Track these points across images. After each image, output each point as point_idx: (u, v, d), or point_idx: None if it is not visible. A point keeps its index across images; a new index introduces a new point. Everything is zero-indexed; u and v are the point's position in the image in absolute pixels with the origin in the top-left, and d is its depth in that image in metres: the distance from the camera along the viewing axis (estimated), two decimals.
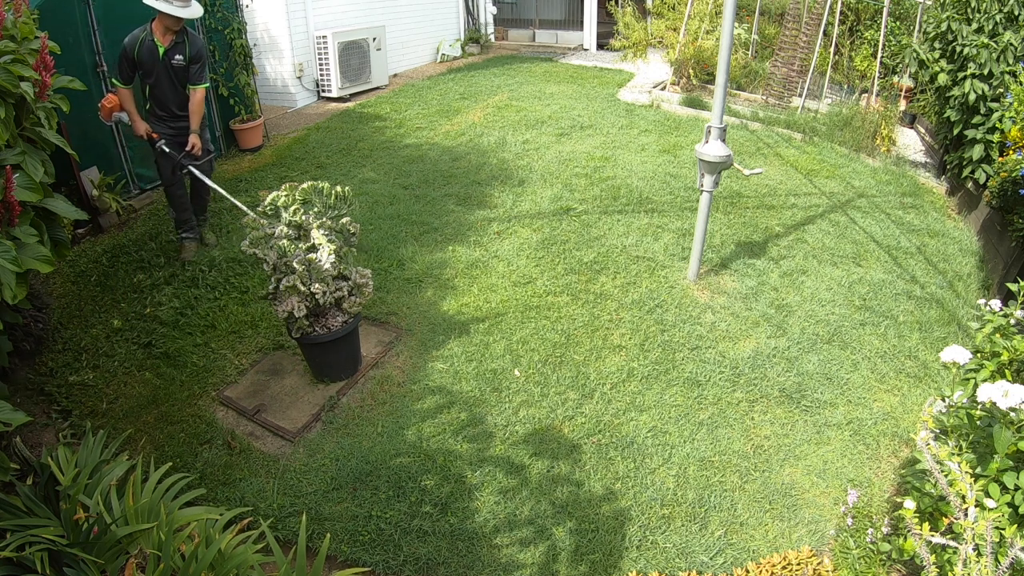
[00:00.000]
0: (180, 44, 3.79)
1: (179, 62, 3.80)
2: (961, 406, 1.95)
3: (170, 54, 3.76)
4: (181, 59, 3.79)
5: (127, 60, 3.73)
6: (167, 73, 3.81)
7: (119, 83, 3.78)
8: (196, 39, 3.88)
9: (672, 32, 7.49)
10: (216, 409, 2.86)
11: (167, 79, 3.83)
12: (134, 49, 3.70)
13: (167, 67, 3.79)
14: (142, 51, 3.71)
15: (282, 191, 2.77)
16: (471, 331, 3.26)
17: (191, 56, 3.82)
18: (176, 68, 3.81)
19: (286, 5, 6.67)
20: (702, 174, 3.34)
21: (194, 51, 3.83)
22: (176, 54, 3.78)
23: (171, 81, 3.84)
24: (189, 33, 3.83)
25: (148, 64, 3.75)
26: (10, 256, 1.68)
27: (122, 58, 3.73)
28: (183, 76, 3.85)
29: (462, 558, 2.16)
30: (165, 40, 3.73)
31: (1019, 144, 3.91)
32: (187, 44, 3.81)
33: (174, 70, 3.82)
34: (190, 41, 3.83)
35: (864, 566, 2.07)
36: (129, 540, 1.65)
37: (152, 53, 3.73)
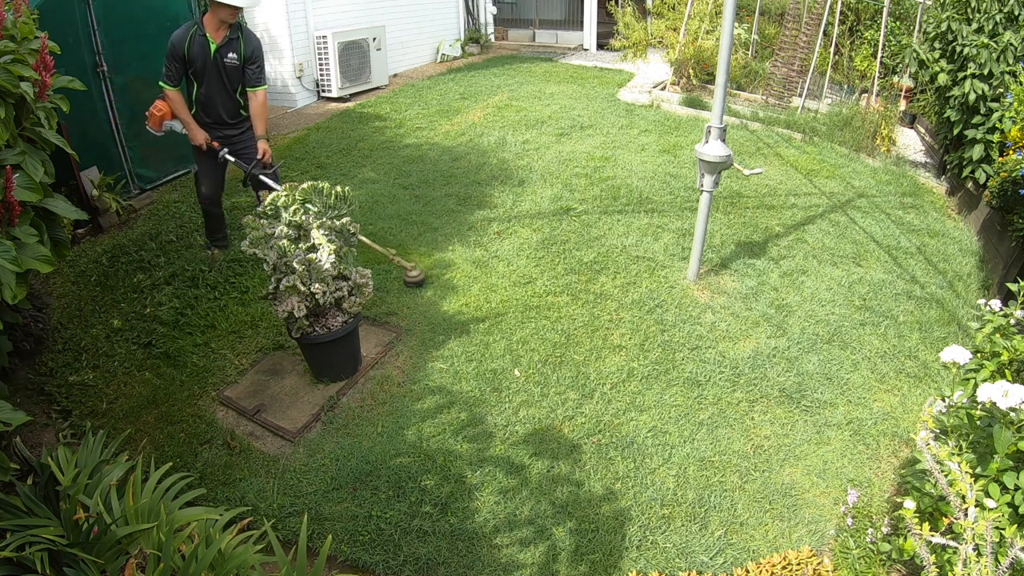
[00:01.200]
0: (234, 41, 3.45)
1: (232, 61, 3.45)
2: (961, 406, 1.95)
3: (222, 52, 3.42)
4: (235, 58, 3.45)
5: (176, 58, 3.36)
6: (218, 74, 3.46)
7: (168, 86, 3.43)
8: (252, 36, 3.54)
9: (672, 32, 7.49)
10: (216, 409, 2.86)
11: (218, 81, 3.48)
12: (184, 45, 3.34)
13: (218, 67, 3.43)
14: (193, 47, 3.34)
15: (282, 191, 2.77)
16: (471, 331, 3.26)
17: (246, 55, 3.48)
18: (229, 68, 3.46)
19: (286, 5, 6.68)
20: (702, 174, 3.34)
21: (249, 50, 3.49)
22: (229, 52, 3.44)
23: (222, 83, 3.50)
24: (244, 29, 3.50)
25: (199, 62, 3.39)
26: (10, 256, 1.68)
27: (170, 57, 3.36)
28: (236, 78, 3.52)
29: (462, 558, 2.16)
30: (217, 36, 3.39)
31: (1019, 144, 3.91)
32: (241, 42, 3.47)
33: (226, 70, 3.47)
34: (245, 38, 3.48)
35: (864, 566, 2.07)
36: (129, 540, 1.65)
37: (204, 50, 3.38)
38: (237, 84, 3.55)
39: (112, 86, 4.42)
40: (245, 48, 3.48)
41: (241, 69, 3.51)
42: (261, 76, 3.57)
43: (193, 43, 3.35)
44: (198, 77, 3.46)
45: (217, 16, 3.35)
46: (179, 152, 5.22)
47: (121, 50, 4.49)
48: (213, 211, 3.87)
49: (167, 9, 4.87)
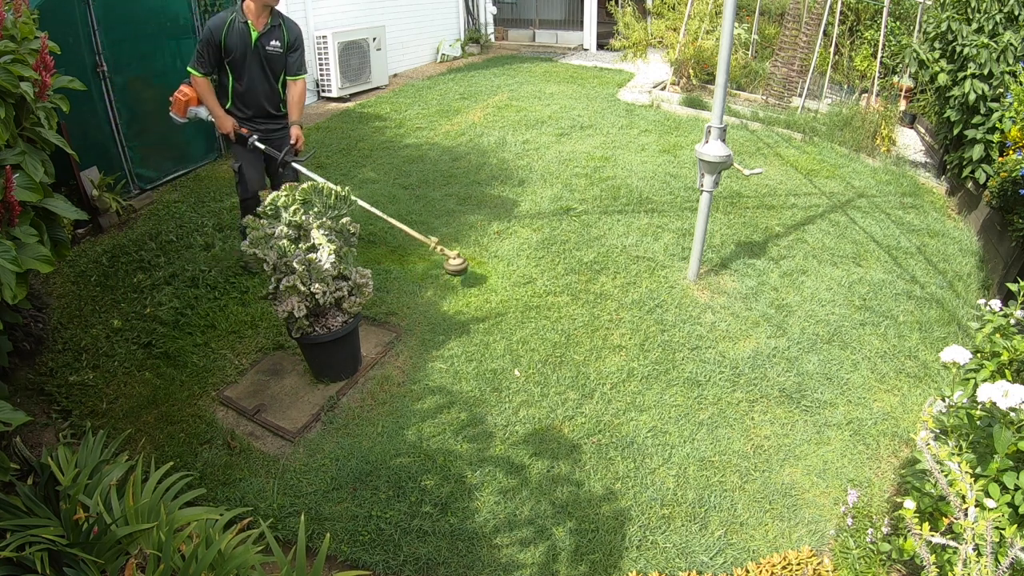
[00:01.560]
0: (276, 28, 3.30)
1: (275, 49, 3.30)
2: (961, 406, 1.95)
3: (264, 40, 3.27)
4: (278, 46, 3.30)
5: (211, 46, 3.21)
6: (259, 62, 3.31)
7: (197, 72, 3.29)
8: (293, 23, 3.41)
9: (672, 32, 7.49)
10: (216, 409, 2.86)
11: (260, 70, 3.33)
12: (222, 32, 3.18)
13: (259, 55, 3.28)
14: (231, 35, 3.19)
15: (282, 191, 2.77)
16: (471, 331, 3.26)
17: (289, 43, 3.35)
18: (271, 56, 3.32)
19: (286, 5, 6.67)
20: (702, 174, 3.34)
21: (292, 37, 3.37)
22: (272, 39, 3.28)
23: (263, 72, 3.35)
24: (284, 16, 3.37)
25: (238, 51, 3.23)
26: (10, 256, 1.68)
27: (204, 43, 3.22)
28: (278, 66, 3.37)
29: (462, 558, 2.16)
30: (259, 23, 3.24)
31: (1019, 144, 3.91)
32: (284, 28, 3.33)
33: (268, 59, 3.32)
34: (287, 25, 3.35)
35: (864, 566, 2.07)
36: (129, 540, 1.65)
37: (244, 38, 3.22)
38: (280, 73, 3.42)
39: (112, 86, 4.42)
40: (288, 35, 3.35)
41: (284, 57, 3.38)
42: (303, 64, 3.45)
43: (232, 31, 3.19)
44: (236, 67, 3.30)
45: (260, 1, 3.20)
46: (179, 152, 5.22)
47: (121, 50, 4.49)
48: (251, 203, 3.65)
49: (167, 9, 4.87)
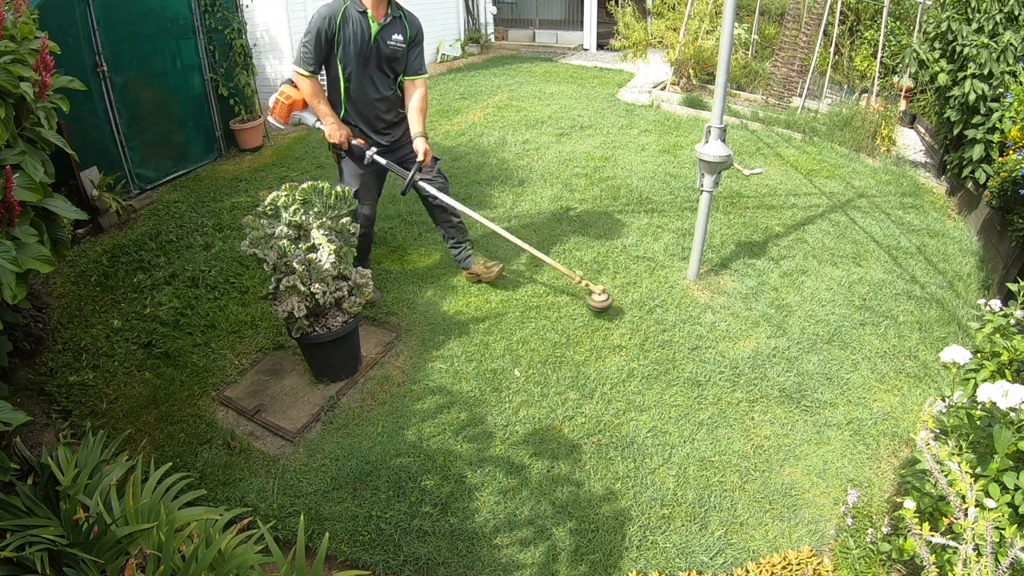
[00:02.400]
0: (397, 20, 2.90)
1: (396, 45, 2.88)
2: (961, 406, 1.95)
3: (384, 34, 2.85)
4: (400, 40, 2.89)
5: (323, 39, 2.79)
6: (377, 60, 2.88)
7: (304, 71, 2.88)
8: (413, 15, 3.00)
9: (672, 32, 7.49)
10: (216, 409, 2.86)
11: (378, 70, 2.90)
12: (335, 24, 2.77)
13: (378, 52, 2.86)
14: (347, 27, 2.78)
15: (282, 191, 2.77)
16: (471, 331, 3.26)
17: (412, 36, 2.94)
18: (392, 54, 2.89)
19: (286, 5, 6.67)
20: (702, 174, 3.34)
21: (414, 30, 2.95)
22: (394, 33, 2.87)
23: (383, 72, 2.92)
24: (403, 7, 2.97)
25: (353, 46, 2.81)
26: (10, 256, 1.68)
27: (315, 36, 2.79)
28: (399, 65, 2.97)
29: (462, 558, 2.16)
30: (379, 14, 2.83)
31: (1019, 144, 3.91)
32: (405, 20, 2.93)
33: (386, 57, 2.89)
34: (408, 17, 2.95)
35: (864, 566, 2.07)
36: (129, 540, 1.65)
37: (362, 31, 2.81)
38: (399, 73, 2.99)
39: (112, 86, 4.42)
40: (410, 28, 2.94)
41: (405, 54, 2.95)
42: (424, 63, 3.04)
43: (347, 22, 2.78)
44: (348, 65, 2.87)
45: None
46: (179, 152, 5.23)
47: (121, 50, 4.49)
48: (371, 232, 3.35)
49: (167, 9, 4.87)
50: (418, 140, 3.02)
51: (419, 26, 2.99)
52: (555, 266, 3.31)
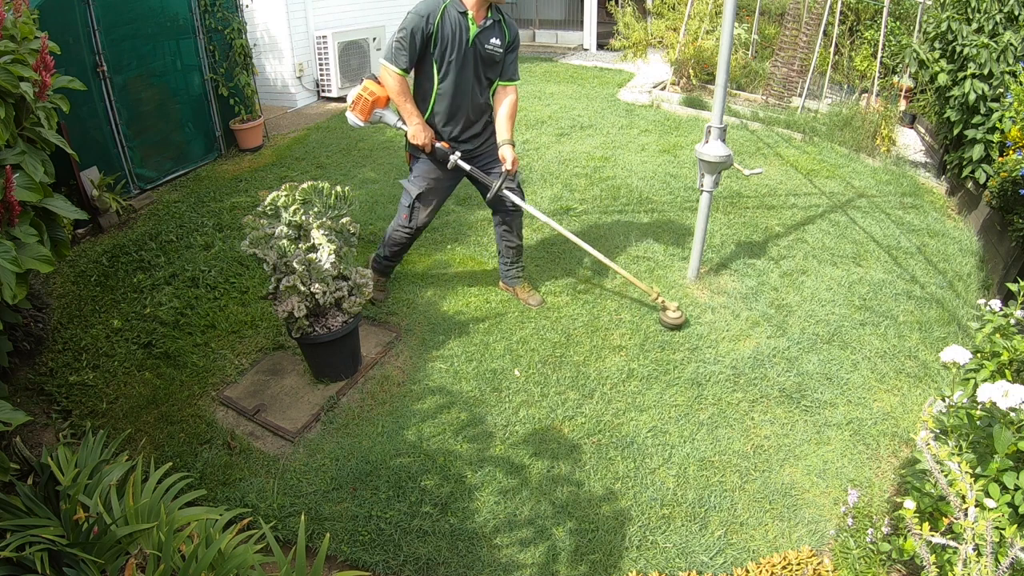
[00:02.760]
0: (496, 24, 2.79)
1: (494, 49, 2.79)
2: (961, 406, 1.95)
3: (483, 37, 2.75)
4: (497, 45, 2.79)
5: (419, 37, 2.68)
6: (474, 65, 2.79)
7: (396, 68, 2.76)
8: (512, 20, 2.90)
9: (672, 32, 7.49)
10: (216, 409, 2.86)
11: (472, 74, 2.81)
12: (434, 23, 2.66)
13: (477, 55, 2.77)
14: (445, 27, 2.68)
15: (282, 191, 2.77)
16: (471, 331, 3.26)
17: (509, 41, 2.85)
18: (486, 57, 2.80)
19: (286, 5, 6.68)
20: (702, 174, 3.34)
21: (512, 35, 2.86)
22: (492, 37, 2.78)
23: (477, 77, 2.83)
24: (504, 12, 2.85)
25: (451, 47, 2.71)
26: (10, 256, 1.68)
27: (411, 33, 2.68)
28: (494, 71, 2.88)
29: (462, 558, 2.16)
30: (479, 16, 2.73)
31: (1019, 144, 3.91)
32: (504, 25, 2.83)
33: (483, 60, 2.80)
34: (507, 22, 2.85)
35: (864, 566, 2.07)
36: (129, 540, 1.65)
37: (461, 31, 2.71)
38: (493, 79, 2.91)
39: (112, 86, 4.42)
40: (509, 33, 2.83)
41: (503, 59, 2.85)
42: (518, 69, 2.95)
43: (446, 20, 2.68)
44: (443, 66, 2.75)
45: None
46: (179, 152, 5.23)
47: (121, 50, 4.49)
48: (416, 238, 3.28)
49: (167, 9, 4.88)
50: (506, 147, 2.94)
51: (517, 31, 2.93)
52: (633, 281, 3.26)
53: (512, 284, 3.49)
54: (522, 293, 3.47)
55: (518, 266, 3.44)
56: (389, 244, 3.32)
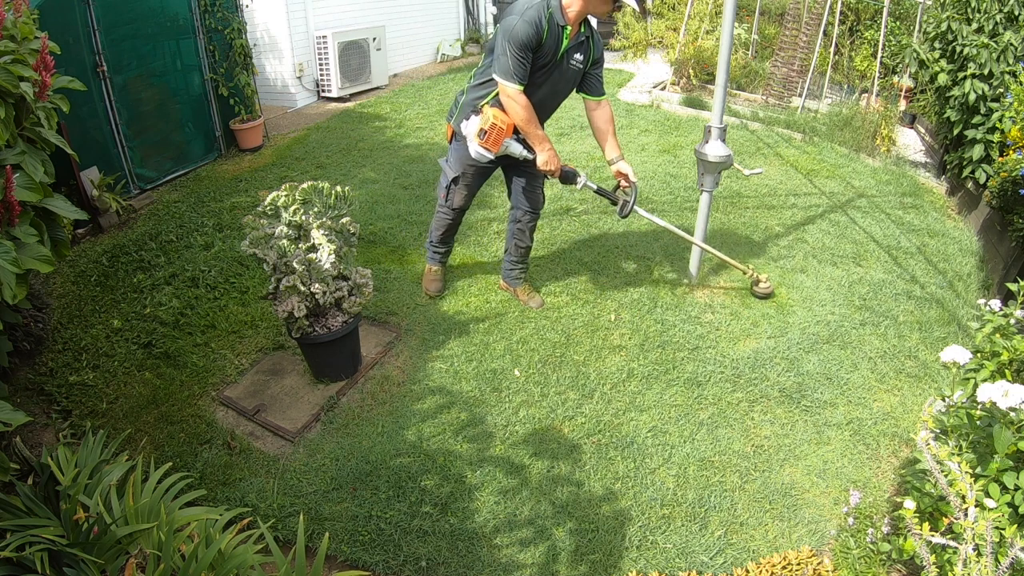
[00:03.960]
0: (585, 41, 2.75)
1: (576, 65, 2.77)
2: (961, 406, 1.95)
3: (571, 52, 2.72)
4: (580, 60, 2.78)
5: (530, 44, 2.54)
6: (560, 77, 2.77)
7: (518, 85, 2.61)
8: (599, 37, 2.86)
9: (672, 32, 7.49)
10: (216, 409, 2.86)
11: (557, 85, 2.80)
12: (542, 29, 2.54)
13: (563, 69, 2.75)
14: (549, 36, 2.60)
15: (282, 191, 2.77)
16: (471, 331, 3.26)
17: (595, 57, 2.84)
18: (571, 72, 2.79)
19: (286, 5, 6.68)
20: (702, 174, 3.34)
21: (598, 52, 2.84)
22: (578, 52, 2.75)
23: (560, 89, 2.84)
24: (594, 28, 2.83)
25: (547, 57, 2.65)
26: (10, 256, 1.68)
27: (523, 42, 2.53)
28: (571, 85, 2.88)
29: (462, 558, 2.16)
30: (574, 31, 2.68)
31: (1019, 144, 3.91)
32: (592, 42, 2.79)
33: (567, 75, 2.79)
34: (595, 39, 2.81)
35: (864, 566, 2.07)
36: (129, 540, 1.65)
37: (557, 43, 2.64)
38: (568, 93, 2.95)
39: (112, 86, 4.42)
40: (595, 50, 2.82)
41: (582, 75, 2.86)
42: (603, 83, 2.94)
43: (551, 29, 2.58)
44: (534, 76, 2.68)
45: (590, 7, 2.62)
46: (179, 152, 5.23)
47: (121, 50, 4.49)
48: (459, 219, 3.36)
49: (167, 9, 4.87)
50: (621, 163, 3.04)
51: (603, 48, 2.90)
52: (729, 261, 3.45)
53: (513, 285, 3.50)
54: (523, 295, 3.48)
55: (522, 267, 3.46)
56: (435, 229, 3.38)
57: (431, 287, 3.52)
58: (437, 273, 3.56)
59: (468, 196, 3.20)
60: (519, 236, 3.34)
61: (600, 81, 2.94)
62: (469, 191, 3.18)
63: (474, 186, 3.19)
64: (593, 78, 2.91)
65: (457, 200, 3.19)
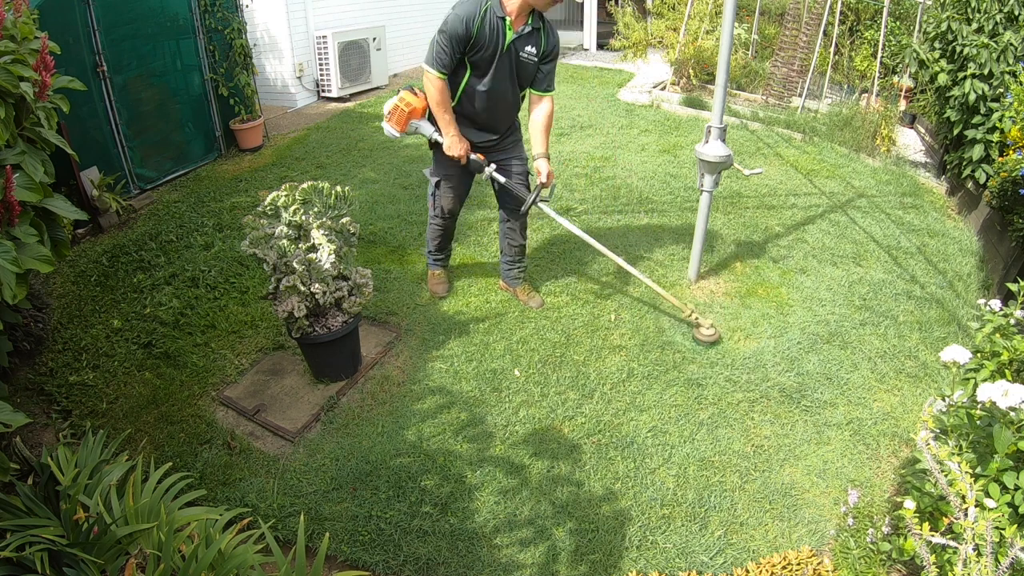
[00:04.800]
0: (535, 32, 2.78)
1: (529, 56, 2.79)
2: (961, 406, 1.95)
3: (519, 44, 2.76)
4: (533, 52, 2.79)
5: (458, 39, 2.68)
6: (509, 69, 2.80)
7: (437, 72, 2.76)
8: (554, 31, 2.87)
9: (672, 32, 7.49)
10: (216, 409, 2.86)
11: (507, 78, 2.83)
12: (473, 24, 2.66)
13: (511, 61, 2.79)
14: (484, 29, 2.69)
15: (282, 191, 2.77)
16: (471, 331, 3.26)
17: (546, 51, 2.83)
18: (522, 64, 2.81)
19: (286, 5, 6.67)
20: (702, 174, 3.34)
21: (551, 45, 2.85)
22: (528, 44, 2.77)
23: (511, 81, 2.85)
24: (546, 19, 2.83)
25: (487, 50, 2.72)
26: (10, 256, 1.68)
27: (450, 35, 2.69)
28: (527, 78, 2.88)
29: (462, 558, 2.16)
30: (517, 23, 2.73)
31: (1019, 144, 3.91)
32: (543, 33, 2.81)
33: (519, 67, 2.82)
34: (547, 30, 2.82)
35: (864, 566, 2.07)
36: (129, 540, 1.65)
37: (497, 36, 2.71)
38: (526, 85, 2.94)
39: (112, 86, 4.42)
40: (546, 43, 2.83)
41: (536, 68, 2.87)
42: (553, 80, 2.95)
43: (485, 23, 2.69)
44: (477, 68, 2.79)
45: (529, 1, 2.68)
46: (179, 152, 5.23)
47: (121, 50, 4.49)
48: (452, 225, 3.40)
49: (167, 9, 4.87)
50: (541, 161, 3.02)
51: (556, 41, 2.90)
52: (663, 294, 3.17)
53: (513, 285, 3.51)
54: (522, 294, 3.48)
55: (520, 266, 3.46)
56: (431, 238, 3.46)
57: (437, 290, 3.55)
58: (441, 276, 3.59)
59: (455, 199, 3.22)
60: (510, 235, 3.36)
61: (548, 77, 2.93)
62: (455, 193, 3.20)
63: (459, 188, 3.19)
64: (541, 72, 2.90)
65: (445, 204, 3.21)
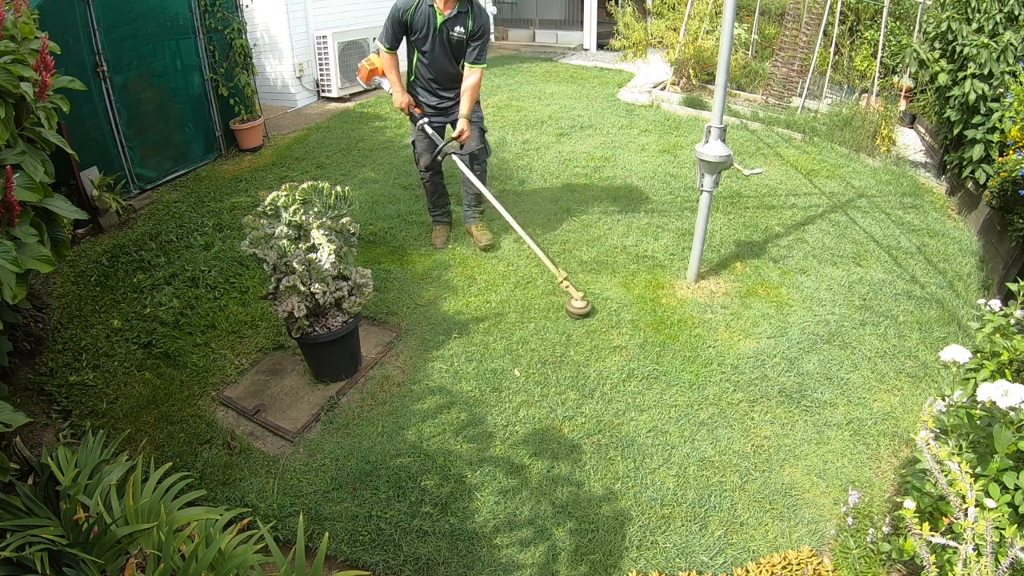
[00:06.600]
0: (462, 15, 3.44)
1: (459, 35, 3.45)
2: (961, 406, 1.95)
3: (449, 25, 3.43)
4: (461, 32, 3.45)
5: (397, 23, 3.46)
6: (443, 47, 3.49)
7: (383, 46, 3.56)
8: (483, 12, 3.52)
9: (672, 32, 7.48)
10: (216, 409, 2.86)
11: (443, 54, 3.52)
12: (408, 12, 3.42)
13: (444, 39, 3.47)
14: (417, 16, 3.42)
15: (282, 191, 2.77)
16: (471, 331, 3.26)
17: (473, 31, 3.46)
18: (454, 42, 3.48)
19: (286, 5, 6.68)
20: (702, 174, 3.34)
21: (477, 25, 3.46)
22: (456, 26, 3.44)
23: (447, 55, 3.53)
24: (475, 4, 3.47)
25: (422, 33, 3.46)
26: (10, 256, 1.68)
27: (391, 20, 3.47)
28: (460, 52, 3.53)
29: (462, 558, 2.16)
30: (446, 8, 3.40)
31: (1019, 144, 3.91)
32: (471, 16, 3.45)
33: (451, 44, 3.49)
34: (475, 13, 3.46)
35: (864, 566, 2.07)
36: (129, 540, 1.65)
37: (429, 21, 3.43)
38: (460, 58, 3.56)
39: (112, 86, 4.42)
40: (474, 23, 3.45)
41: (466, 43, 3.49)
42: (483, 54, 3.53)
43: (418, 12, 3.41)
44: (419, 46, 3.52)
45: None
46: (179, 152, 5.23)
47: (121, 50, 4.49)
48: (433, 180, 3.95)
49: (167, 9, 4.88)
50: (460, 120, 3.56)
51: (484, 22, 3.49)
52: (544, 259, 3.48)
53: (469, 223, 4.08)
54: (476, 232, 4.02)
55: (476, 209, 4.06)
56: (426, 197, 4.13)
57: (436, 242, 4.07)
58: (441, 231, 4.12)
59: (429, 158, 3.78)
60: (467, 184, 3.88)
61: (477, 51, 3.51)
62: (423, 148, 3.79)
63: (424, 144, 3.76)
64: (471, 47, 3.51)
65: (422, 161, 3.83)
